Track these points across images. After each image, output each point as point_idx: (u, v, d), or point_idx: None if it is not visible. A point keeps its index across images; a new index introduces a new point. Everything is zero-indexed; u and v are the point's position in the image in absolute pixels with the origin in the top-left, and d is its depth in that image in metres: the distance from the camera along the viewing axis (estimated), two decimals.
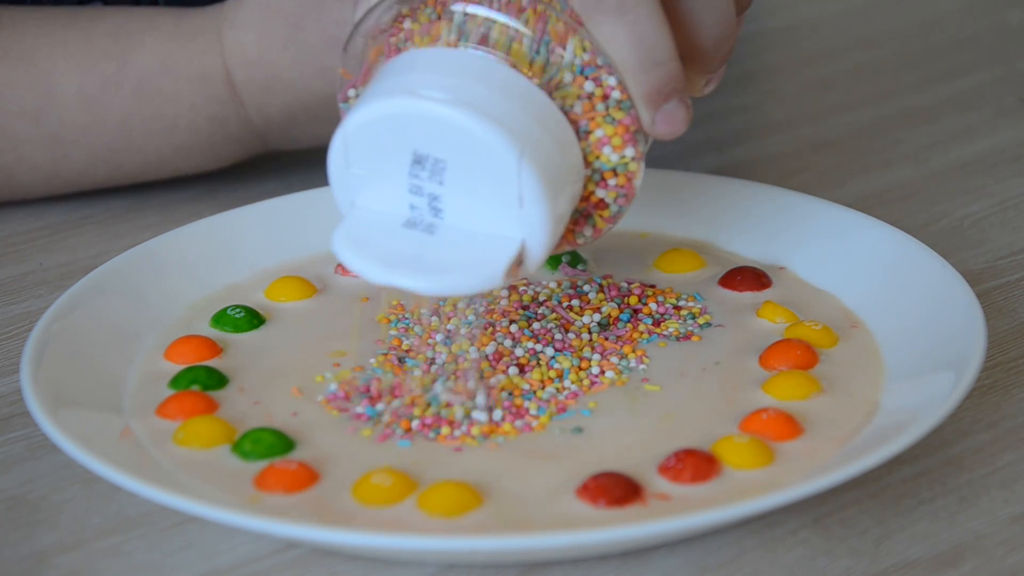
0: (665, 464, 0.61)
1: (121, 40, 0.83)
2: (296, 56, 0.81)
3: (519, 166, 0.60)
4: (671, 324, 0.71)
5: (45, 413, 0.62)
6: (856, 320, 0.71)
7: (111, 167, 0.84)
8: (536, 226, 0.62)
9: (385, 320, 0.72)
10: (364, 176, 0.63)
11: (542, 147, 0.61)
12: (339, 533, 0.58)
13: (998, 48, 1.07)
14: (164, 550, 0.61)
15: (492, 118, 0.60)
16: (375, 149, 0.62)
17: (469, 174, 0.61)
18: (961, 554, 0.60)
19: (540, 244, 0.62)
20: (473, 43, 0.62)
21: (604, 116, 0.63)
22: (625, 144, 0.64)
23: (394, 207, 0.63)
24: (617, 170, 0.64)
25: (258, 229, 0.78)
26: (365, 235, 0.63)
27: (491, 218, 0.62)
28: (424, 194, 0.62)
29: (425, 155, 0.61)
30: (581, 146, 0.63)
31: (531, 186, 0.61)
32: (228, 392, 0.68)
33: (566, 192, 0.63)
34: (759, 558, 0.60)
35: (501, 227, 0.62)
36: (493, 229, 0.62)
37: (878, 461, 0.59)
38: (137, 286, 0.73)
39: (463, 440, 0.64)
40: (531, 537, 0.58)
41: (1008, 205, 0.85)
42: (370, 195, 0.63)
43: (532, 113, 0.62)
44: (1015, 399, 0.68)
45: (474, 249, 0.62)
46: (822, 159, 0.92)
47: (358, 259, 0.62)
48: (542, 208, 0.61)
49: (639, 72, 0.63)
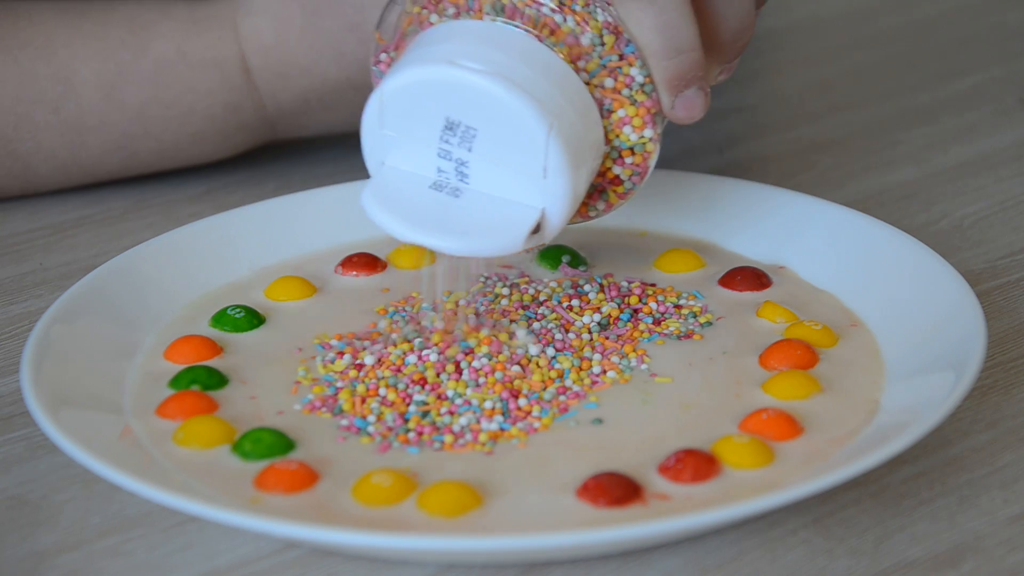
0: (665, 464, 0.61)
1: (137, 28, 0.84)
2: (313, 42, 0.82)
3: (547, 139, 0.63)
4: (672, 323, 0.71)
5: (45, 413, 0.62)
6: (856, 320, 0.71)
7: (126, 154, 0.85)
8: (557, 197, 0.64)
9: (383, 311, 0.72)
10: (395, 138, 0.66)
11: (569, 123, 0.64)
12: (339, 533, 0.58)
13: (998, 48, 1.07)
14: (164, 550, 0.61)
15: (526, 91, 0.63)
16: (409, 112, 0.65)
17: (498, 143, 0.64)
18: (961, 554, 0.60)
19: (559, 214, 0.65)
20: (506, 17, 0.65)
21: (627, 97, 0.66)
22: (645, 125, 0.67)
23: (422, 169, 0.66)
24: (635, 149, 0.67)
25: (258, 229, 0.78)
26: (393, 194, 0.66)
27: (514, 186, 0.64)
28: (452, 159, 0.65)
29: (457, 122, 0.64)
30: (603, 124, 0.66)
31: (556, 159, 0.63)
32: (228, 392, 0.68)
33: (587, 166, 0.66)
34: (759, 558, 0.60)
35: (523, 195, 0.64)
36: (515, 197, 0.65)
37: (878, 461, 0.59)
38: (137, 286, 0.73)
39: (471, 447, 0.63)
40: (531, 537, 0.58)
41: (1008, 205, 0.85)
42: (399, 156, 0.66)
43: (562, 89, 0.64)
44: (1015, 399, 0.68)
45: (496, 215, 0.65)
46: (822, 159, 0.92)
47: (386, 216, 0.65)
48: (565, 180, 0.64)
49: (663, 58, 0.65)
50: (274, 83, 0.84)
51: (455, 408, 0.65)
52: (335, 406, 0.66)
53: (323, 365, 0.69)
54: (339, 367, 0.68)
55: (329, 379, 0.68)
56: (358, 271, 0.77)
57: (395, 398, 0.66)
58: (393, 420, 0.65)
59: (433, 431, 0.64)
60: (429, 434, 0.64)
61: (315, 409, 0.66)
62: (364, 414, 0.65)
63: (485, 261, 0.75)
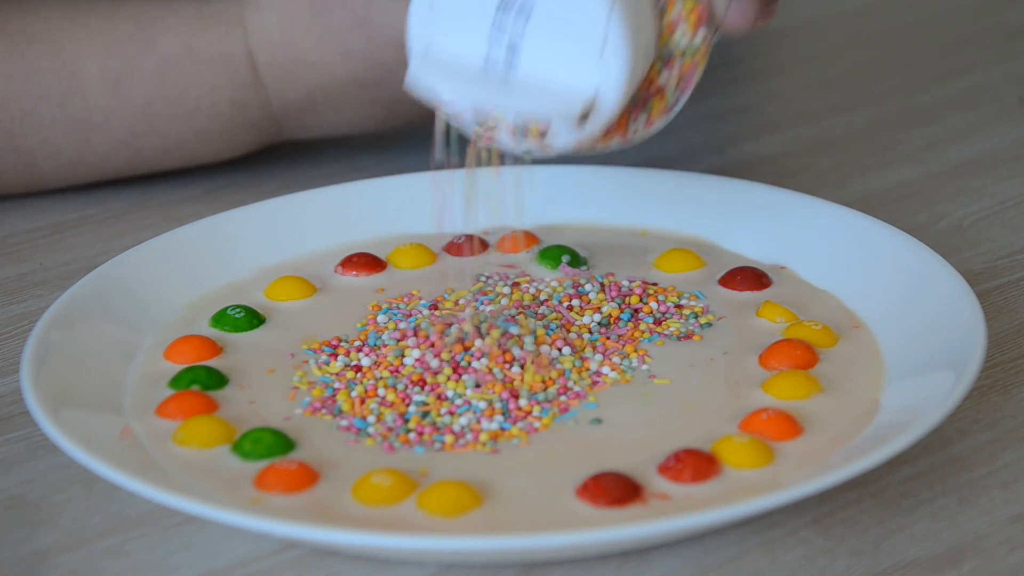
0: (665, 464, 0.61)
1: (144, 24, 0.83)
2: (320, 38, 0.82)
3: (610, 13, 0.63)
4: (672, 323, 0.71)
5: (45, 413, 0.62)
6: (856, 320, 0.71)
7: (132, 151, 0.85)
8: (613, 76, 0.64)
9: (376, 307, 0.73)
10: (445, 20, 0.65)
11: (631, 3, 0.64)
12: (339, 533, 0.58)
13: (998, 48, 1.07)
14: (164, 550, 0.61)
15: None
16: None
17: (554, 19, 0.63)
18: (961, 554, 0.60)
19: (614, 93, 0.64)
20: None
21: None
22: (698, 26, 0.67)
23: (472, 49, 0.65)
24: (685, 53, 0.67)
25: (258, 229, 0.78)
26: (442, 66, 0.65)
27: (568, 66, 0.64)
28: (504, 39, 0.64)
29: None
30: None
31: (616, 35, 0.63)
32: (228, 392, 0.68)
33: (640, 55, 0.65)
34: (759, 558, 0.60)
35: (576, 76, 0.64)
36: (568, 77, 0.64)
37: (878, 461, 0.59)
38: (137, 286, 0.73)
39: (472, 447, 0.63)
40: (531, 537, 0.58)
41: (1008, 205, 0.85)
42: (449, 37, 0.66)
43: None
44: (1015, 399, 0.68)
45: (550, 86, 0.64)
46: (822, 159, 0.92)
47: (436, 80, 0.65)
48: (623, 58, 0.63)
49: None
50: (281, 80, 0.84)
51: (455, 408, 0.65)
52: (334, 407, 0.66)
53: (318, 367, 0.69)
54: (335, 369, 0.68)
55: (326, 380, 0.68)
56: (358, 271, 0.77)
57: (394, 399, 0.66)
58: (393, 421, 0.65)
59: (433, 431, 0.64)
60: (430, 434, 0.64)
61: (315, 411, 0.66)
62: (364, 415, 0.65)
63: (484, 261, 0.75)
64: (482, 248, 0.78)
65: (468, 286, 0.75)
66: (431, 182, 0.78)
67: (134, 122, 0.84)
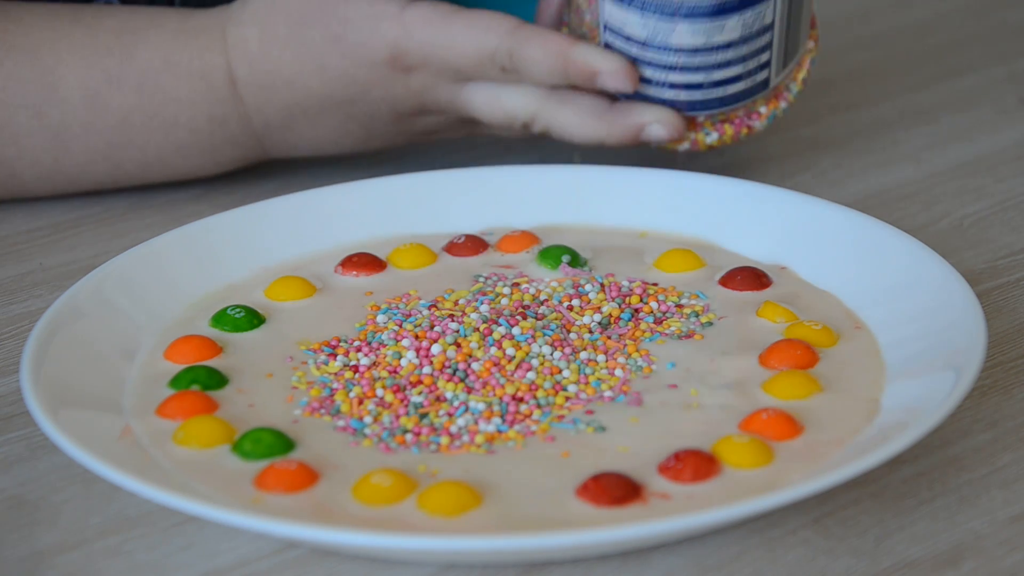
0: (665, 464, 0.61)
1: (125, 36, 0.83)
2: (296, 53, 0.82)
3: None
4: (673, 322, 0.71)
5: (45, 413, 0.62)
6: (857, 320, 0.71)
7: (111, 164, 0.84)
8: None
9: (375, 307, 0.73)
10: None
11: None
12: (339, 533, 0.58)
13: (998, 48, 1.07)
14: (164, 550, 0.61)
15: None
16: None
17: None
18: (961, 554, 0.60)
19: None
20: None
21: None
22: None
23: None
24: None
25: (258, 229, 0.78)
26: None
27: None
28: None
29: None
30: None
31: None
32: (228, 392, 0.68)
33: None
34: (759, 558, 0.60)
35: None
36: None
37: (878, 461, 0.59)
38: (137, 286, 0.73)
39: (467, 449, 0.63)
40: (531, 537, 0.58)
41: (1008, 205, 0.85)
42: None
43: None
44: (1015, 399, 0.68)
45: None
46: (822, 159, 0.92)
47: None
48: None
49: None
50: (259, 95, 0.83)
51: (453, 410, 0.65)
52: (332, 407, 0.66)
53: (317, 367, 0.69)
54: (333, 369, 0.68)
55: (325, 380, 0.68)
56: (358, 271, 0.77)
57: (392, 399, 0.66)
58: (390, 421, 0.65)
59: (431, 432, 0.64)
60: (427, 435, 0.64)
61: (314, 411, 0.66)
62: (361, 415, 0.65)
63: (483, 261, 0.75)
64: (482, 248, 0.78)
65: (468, 286, 0.75)
66: None
67: (112, 135, 0.83)
